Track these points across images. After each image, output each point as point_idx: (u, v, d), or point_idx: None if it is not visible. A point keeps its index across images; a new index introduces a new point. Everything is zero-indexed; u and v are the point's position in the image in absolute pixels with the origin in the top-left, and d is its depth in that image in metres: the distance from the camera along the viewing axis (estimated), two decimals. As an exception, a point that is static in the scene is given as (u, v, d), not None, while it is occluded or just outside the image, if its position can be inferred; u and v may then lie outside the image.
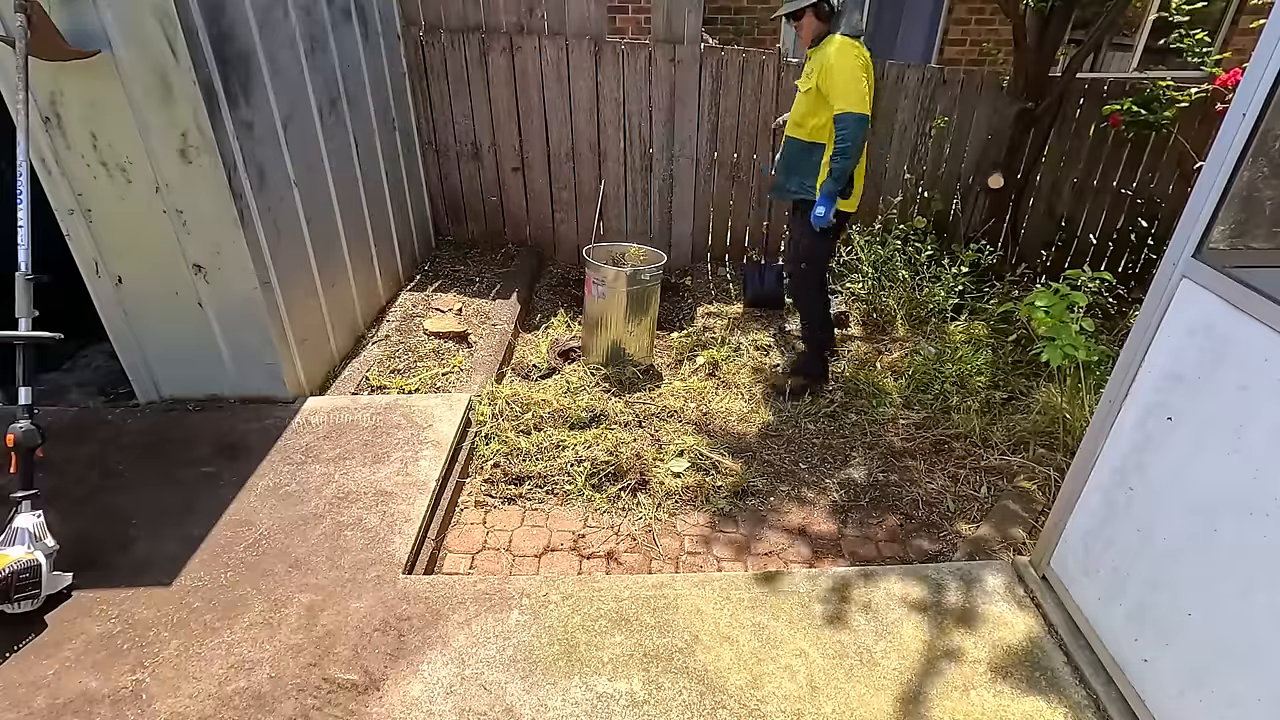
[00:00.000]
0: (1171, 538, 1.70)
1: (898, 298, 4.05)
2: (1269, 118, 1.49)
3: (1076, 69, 3.93)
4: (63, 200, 2.49)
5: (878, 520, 2.69)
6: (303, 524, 2.31)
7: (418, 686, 1.82)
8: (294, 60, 2.88)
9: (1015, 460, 2.92)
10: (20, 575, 1.88)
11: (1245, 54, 2.44)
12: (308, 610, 2.01)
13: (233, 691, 1.78)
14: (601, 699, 1.81)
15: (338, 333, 3.28)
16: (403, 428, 2.77)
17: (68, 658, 1.85)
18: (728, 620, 2.04)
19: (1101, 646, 1.92)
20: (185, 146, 2.39)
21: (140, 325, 2.75)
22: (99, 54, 2.21)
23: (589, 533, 2.57)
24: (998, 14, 5.96)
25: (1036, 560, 2.24)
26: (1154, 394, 1.77)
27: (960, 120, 4.35)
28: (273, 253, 2.72)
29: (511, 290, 4.16)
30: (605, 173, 4.50)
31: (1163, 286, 1.75)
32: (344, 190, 3.32)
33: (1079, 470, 2.03)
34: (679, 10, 4.01)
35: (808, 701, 1.82)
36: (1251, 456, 1.49)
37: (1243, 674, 1.50)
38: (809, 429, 3.17)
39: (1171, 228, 2.07)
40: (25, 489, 2.04)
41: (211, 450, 2.63)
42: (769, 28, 6.40)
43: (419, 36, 4.12)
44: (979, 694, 1.86)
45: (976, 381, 3.40)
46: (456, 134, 4.43)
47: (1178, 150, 4.29)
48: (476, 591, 2.10)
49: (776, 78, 4.22)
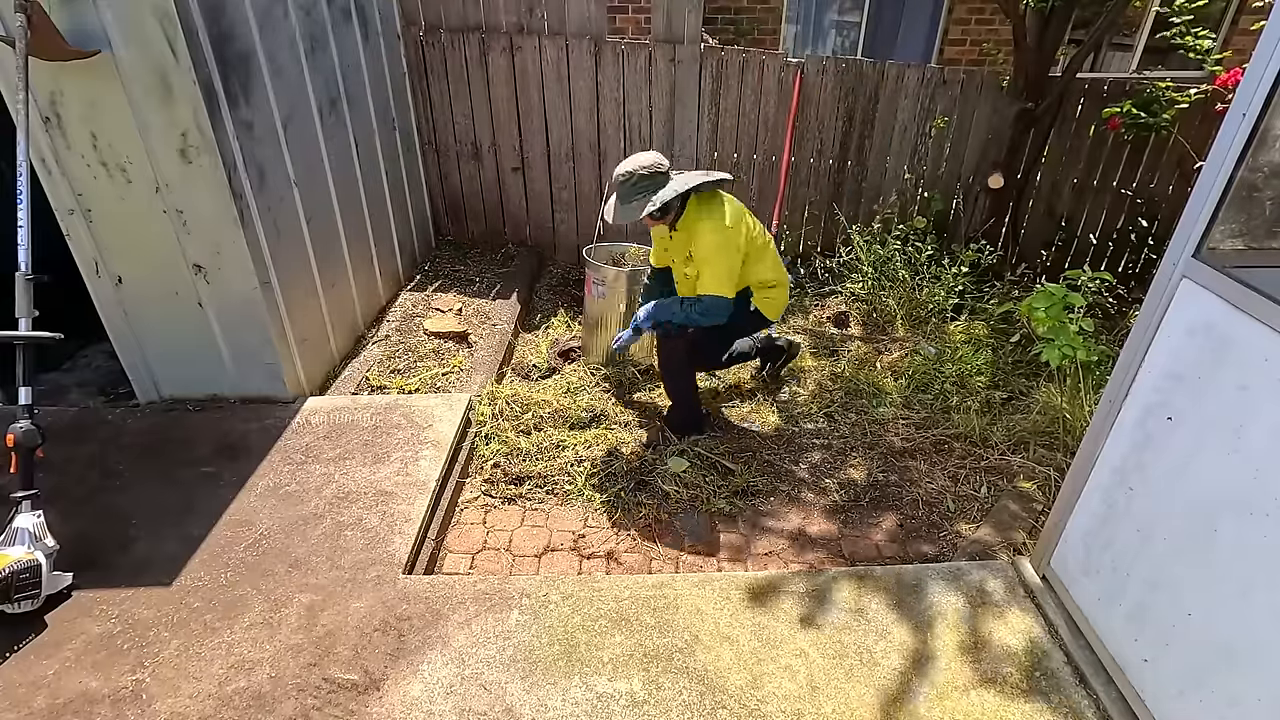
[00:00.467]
0: (1171, 538, 1.70)
1: (898, 298, 4.05)
2: (1269, 118, 1.49)
3: (1076, 69, 3.93)
4: (63, 200, 2.49)
5: (877, 520, 2.69)
6: (303, 524, 2.31)
7: (418, 686, 1.82)
8: (294, 60, 2.88)
9: (1015, 460, 2.92)
10: (20, 575, 1.88)
11: (1245, 54, 2.44)
12: (308, 610, 2.01)
13: (233, 691, 1.78)
14: (601, 699, 1.81)
15: (338, 333, 3.28)
16: (403, 428, 2.77)
17: (68, 658, 1.85)
18: (728, 620, 2.04)
19: (1101, 646, 1.92)
20: (185, 146, 2.39)
21: (140, 325, 2.75)
22: (99, 54, 2.21)
23: (589, 533, 2.57)
24: (998, 14, 5.96)
25: (1036, 560, 2.24)
26: (1154, 394, 1.77)
27: (960, 120, 4.35)
28: (273, 253, 2.72)
29: (511, 290, 4.16)
30: (605, 173, 4.50)
31: (1163, 286, 1.74)
32: (344, 190, 3.32)
33: (1079, 470, 2.03)
34: (679, 10, 4.01)
35: (808, 701, 1.82)
36: (1251, 456, 1.49)
37: (1243, 674, 1.50)
38: (809, 429, 3.17)
39: (1171, 228, 2.07)
40: (25, 489, 2.04)
41: (211, 450, 2.63)
42: (769, 28, 6.40)
43: (419, 36, 4.12)
44: (979, 694, 1.86)
45: (976, 381, 3.40)
46: (456, 134, 4.43)
47: (1178, 150, 4.29)
48: (476, 591, 2.10)
49: (777, 78, 4.22)
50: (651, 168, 2.52)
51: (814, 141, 4.43)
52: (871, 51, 6.57)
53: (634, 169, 2.51)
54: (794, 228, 4.67)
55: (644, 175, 2.51)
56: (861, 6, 6.45)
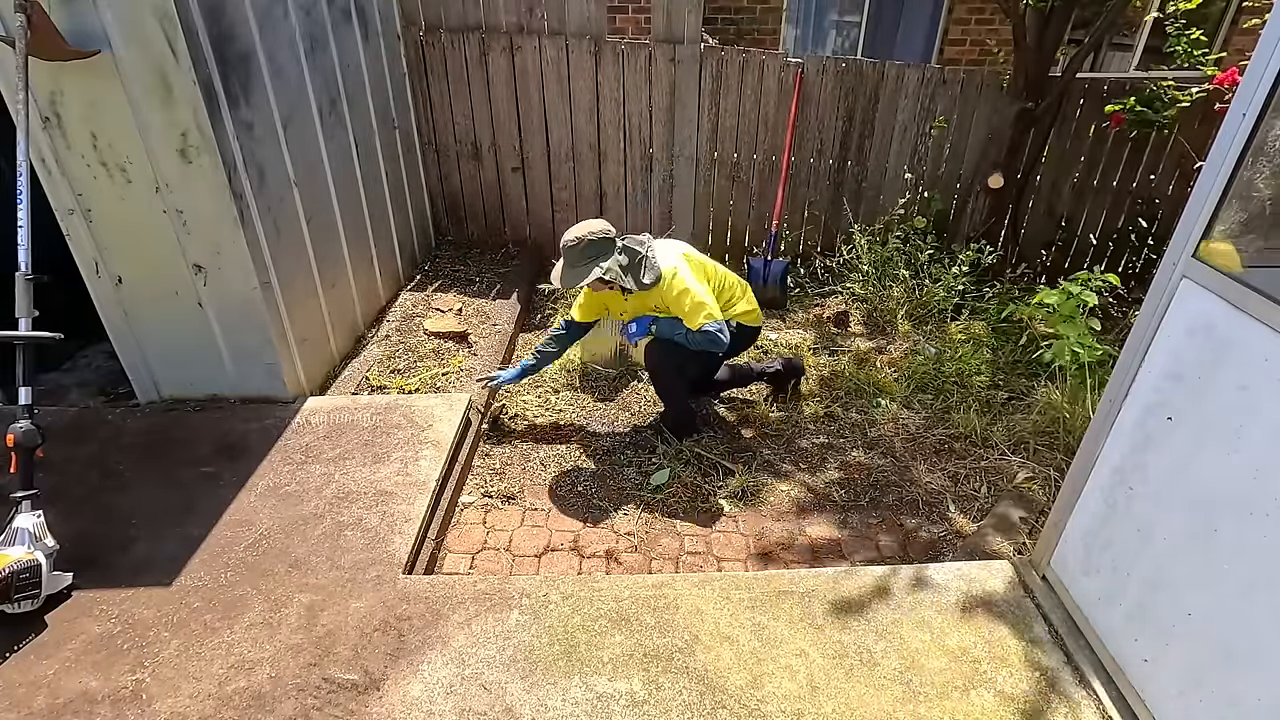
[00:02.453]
0: (1171, 538, 1.70)
1: (898, 297, 4.05)
2: (1269, 118, 1.49)
3: (1076, 69, 3.93)
4: (63, 200, 2.49)
5: (877, 520, 2.69)
6: (303, 524, 2.31)
7: (418, 686, 1.82)
8: (294, 60, 2.88)
9: (1015, 460, 2.92)
10: (20, 575, 1.88)
11: (1245, 54, 2.44)
12: (308, 610, 2.01)
13: (233, 691, 1.78)
14: (601, 699, 1.81)
15: (338, 333, 3.28)
16: (403, 428, 2.77)
17: (68, 658, 1.85)
18: (728, 620, 2.04)
19: (1101, 646, 1.92)
20: (185, 146, 2.39)
21: (140, 325, 2.75)
22: (99, 54, 2.21)
23: (589, 533, 2.57)
24: (998, 14, 5.96)
25: (1036, 560, 2.24)
26: (1154, 394, 1.77)
27: (960, 120, 4.35)
28: (273, 253, 2.72)
29: (511, 290, 4.16)
30: (605, 173, 4.50)
31: (1163, 286, 1.74)
32: (344, 190, 3.32)
33: (1079, 470, 2.03)
34: (679, 10, 4.01)
35: (808, 701, 1.82)
36: (1251, 456, 1.49)
37: (1243, 674, 1.50)
38: (809, 429, 3.17)
39: (1171, 228, 2.07)
40: (25, 489, 2.04)
41: (211, 450, 2.63)
42: (769, 28, 6.40)
43: (419, 36, 4.12)
44: (979, 694, 1.86)
45: (976, 381, 3.40)
46: (456, 134, 4.43)
47: (1178, 150, 4.29)
48: (476, 591, 2.10)
49: (777, 78, 4.22)
50: (600, 234, 2.63)
51: (814, 141, 4.43)
52: (871, 51, 6.57)
53: (583, 235, 2.62)
54: (794, 228, 4.67)
55: (591, 242, 2.62)
56: (861, 6, 6.45)
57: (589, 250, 2.62)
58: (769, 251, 4.52)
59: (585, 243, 2.61)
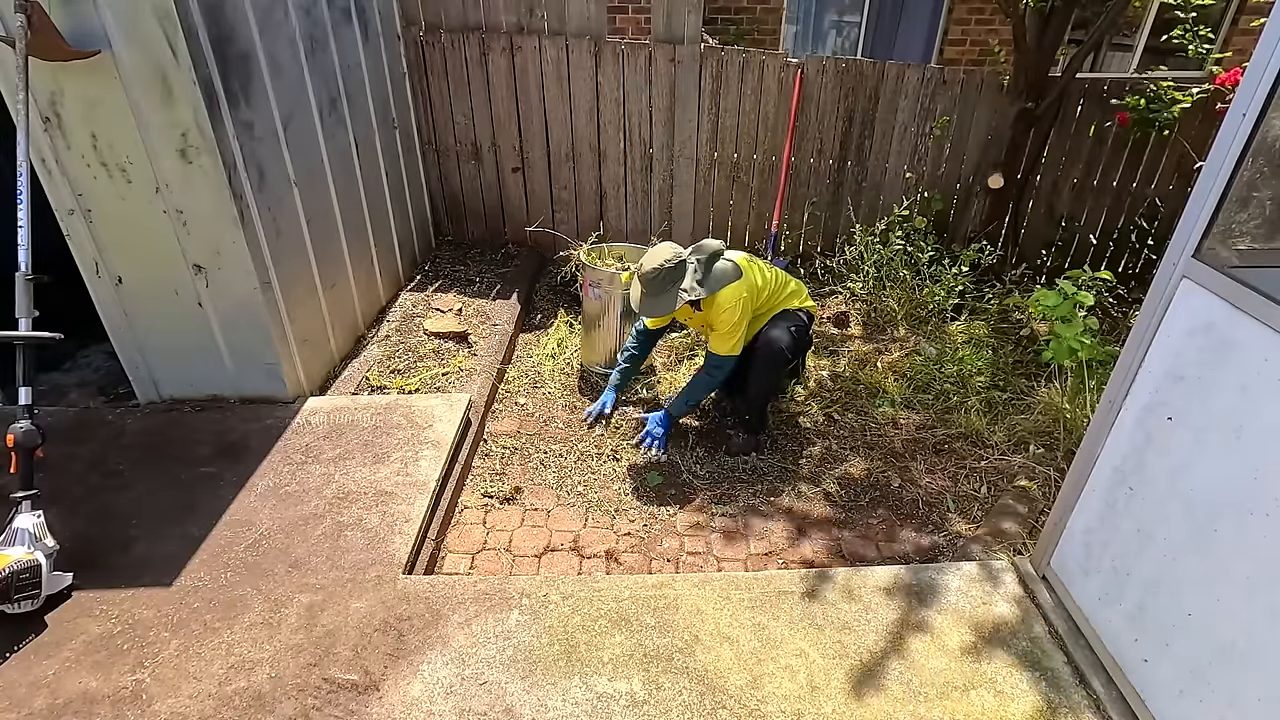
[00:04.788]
0: (1171, 538, 1.70)
1: (898, 298, 4.05)
2: (1269, 118, 1.49)
3: (1076, 69, 3.93)
4: (63, 200, 2.49)
5: (878, 520, 2.69)
6: (303, 524, 2.31)
7: (418, 686, 1.82)
8: (294, 60, 2.88)
9: (1015, 460, 2.92)
10: (20, 575, 1.88)
11: (1245, 54, 2.44)
12: (308, 610, 2.01)
13: (233, 691, 1.78)
14: (601, 699, 1.81)
15: (338, 333, 3.28)
16: (403, 428, 2.77)
17: (68, 658, 1.85)
18: (728, 620, 2.04)
19: (1101, 646, 1.92)
20: (185, 146, 2.39)
21: (140, 325, 2.75)
22: (99, 54, 2.21)
23: (589, 533, 2.57)
24: (998, 14, 5.96)
25: (1036, 560, 2.24)
26: (1154, 394, 1.77)
27: (960, 120, 4.35)
28: (273, 253, 2.72)
29: (511, 290, 4.16)
30: (605, 173, 4.50)
31: (1163, 286, 1.74)
32: (344, 190, 3.32)
33: (1079, 470, 2.03)
34: (679, 10, 4.01)
35: (808, 701, 1.82)
36: (1251, 456, 1.49)
37: (1243, 674, 1.50)
38: (808, 429, 3.17)
39: (1171, 228, 2.07)
40: (25, 489, 2.04)
41: (212, 450, 2.63)
42: (769, 28, 6.40)
43: (419, 36, 4.12)
44: (979, 694, 1.86)
45: (977, 381, 3.40)
46: (456, 134, 4.43)
47: (1178, 150, 4.29)
48: (476, 591, 2.10)
49: (777, 78, 4.22)
50: (673, 260, 2.70)
51: (814, 141, 4.43)
52: (871, 52, 6.57)
53: (660, 265, 2.68)
54: (794, 228, 4.67)
55: (670, 269, 2.69)
56: (861, 7, 6.45)
57: (669, 277, 2.68)
58: (769, 251, 4.53)
59: (664, 271, 2.68)
